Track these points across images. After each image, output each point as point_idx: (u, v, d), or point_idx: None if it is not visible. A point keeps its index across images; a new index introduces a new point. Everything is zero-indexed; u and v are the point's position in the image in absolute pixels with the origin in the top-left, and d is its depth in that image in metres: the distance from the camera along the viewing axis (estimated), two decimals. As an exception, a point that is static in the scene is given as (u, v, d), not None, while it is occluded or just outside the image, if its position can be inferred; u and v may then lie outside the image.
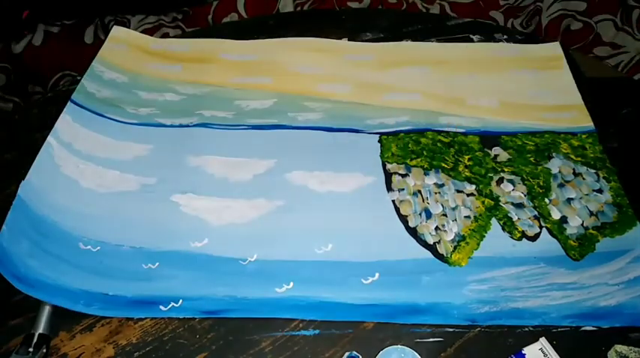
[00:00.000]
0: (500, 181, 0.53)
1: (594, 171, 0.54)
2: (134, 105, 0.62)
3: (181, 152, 0.57)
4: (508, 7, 0.94)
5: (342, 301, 0.45)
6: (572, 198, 0.52)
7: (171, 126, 0.60)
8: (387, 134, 0.58)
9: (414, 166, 0.55)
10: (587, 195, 0.52)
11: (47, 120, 0.59)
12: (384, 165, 0.55)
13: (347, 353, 0.41)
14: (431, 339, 0.43)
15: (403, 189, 0.53)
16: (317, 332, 0.43)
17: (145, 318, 0.44)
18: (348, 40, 0.71)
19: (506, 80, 0.64)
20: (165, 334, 0.43)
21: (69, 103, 0.60)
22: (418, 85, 0.64)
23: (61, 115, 0.59)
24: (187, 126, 0.59)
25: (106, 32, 0.82)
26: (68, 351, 0.43)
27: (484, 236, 0.49)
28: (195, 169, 0.55)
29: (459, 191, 0.53)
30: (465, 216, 0.50)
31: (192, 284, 0.46)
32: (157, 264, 0.47)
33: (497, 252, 0.48)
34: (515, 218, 0.50)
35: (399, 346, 0.40)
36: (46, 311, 0.44)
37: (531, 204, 0.51)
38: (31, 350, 0.41)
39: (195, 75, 0.66)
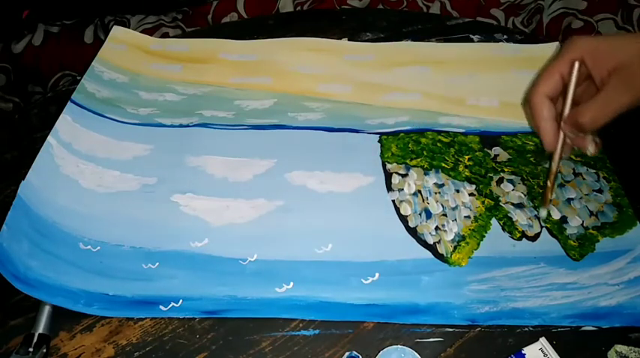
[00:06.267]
0: (500, 181, 0.53)
1: (594, 171, 0.54)
2: (134, 105, 0.62)
3: (181, 152, 0.57)
4: (509, 5, 0.94)
5: (342, 301, 0.45)
6: (572, 198, 0.52)
7: (172, 126, 0.60)
8: (387, 134, 0.58)
9: (414, 166, 0.55)
10: (587, 195, 0.52)
11: (47, 120, 0.59)
12: (384, 165, 0.55)
13: (347, 353, 0.41)
14: (431, 339, 0.43)
15: (403, 189, 0.53)
16: (317, 332, 0.43)
17: (145, 318, 0.44)
18: (348, 40, 0.71)
19: (506, 80, 0.64)
20: (165, 334, 0.44)
21: (69, 103, 0.60)
22: (418, 85, 0.64)
23: (61, 115, 0.59)
24: (187, 126, 0.59)
25: (106, 32, 0.82)
26: (68, 351, 0.43)
27: (484, 236, 0.49)
28: (195, 169, 0.55)
29: (458, 191, 0.53)
30: (465, 216, 0.50)
31: (192, 284, 0.46)
32: (157, 264, 0.47)
33: (497, 252, 0.48)
34: (515, 218, 0.50)
35: (399, 346, 0.40)
36: (46, 311, 0.44)
37: (531, 204, 0.51)
38: (31, 350, 0.41)
39: (195, 75, 0.66)
